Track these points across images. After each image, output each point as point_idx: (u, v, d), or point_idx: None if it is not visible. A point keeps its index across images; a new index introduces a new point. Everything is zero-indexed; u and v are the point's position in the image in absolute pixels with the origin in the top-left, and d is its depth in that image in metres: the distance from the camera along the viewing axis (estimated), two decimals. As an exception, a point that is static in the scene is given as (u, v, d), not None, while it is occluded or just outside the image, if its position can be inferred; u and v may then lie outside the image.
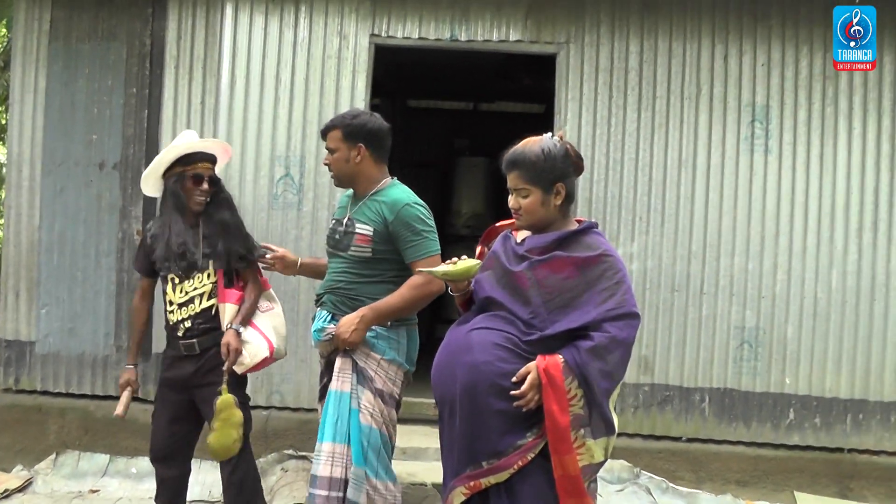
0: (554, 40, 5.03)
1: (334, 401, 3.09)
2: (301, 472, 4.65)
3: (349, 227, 3.18)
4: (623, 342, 2.47)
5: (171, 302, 3.53)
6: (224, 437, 3.36)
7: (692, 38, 4.99)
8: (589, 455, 2.45)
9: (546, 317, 2.48)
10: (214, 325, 3.52)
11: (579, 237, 2.57)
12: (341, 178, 3.26)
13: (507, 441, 2.47)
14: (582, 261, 2.50)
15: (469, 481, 2.52)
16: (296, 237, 5.03)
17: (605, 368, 2.43)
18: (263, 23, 5.07)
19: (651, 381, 4.99)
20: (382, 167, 3.26)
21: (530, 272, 2.52)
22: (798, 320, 4.98)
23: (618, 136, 5.01)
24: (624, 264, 2.61)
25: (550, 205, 2.58)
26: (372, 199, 3.19)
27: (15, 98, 5.23)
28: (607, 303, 2.46)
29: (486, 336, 2.53)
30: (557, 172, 2.56)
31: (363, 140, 3.17)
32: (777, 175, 4.98)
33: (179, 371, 3.55)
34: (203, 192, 3.48)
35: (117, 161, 5.14)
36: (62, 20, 5.18)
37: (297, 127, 5.05)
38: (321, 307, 3.27)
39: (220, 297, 3.53)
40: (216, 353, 3.49)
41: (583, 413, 2.44)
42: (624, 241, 4.98)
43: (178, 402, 3.59)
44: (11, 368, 5.19)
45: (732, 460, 4.94)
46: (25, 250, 5.20)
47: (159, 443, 3.61)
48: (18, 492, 4.56)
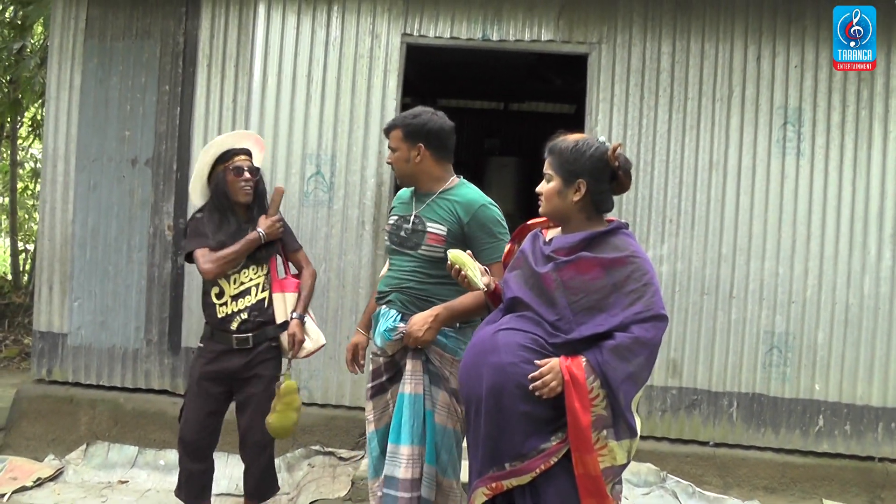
0: (586, 40, 5.01)
1: (409, 403, 3.06)
2: (327, 467, 4.68)
3: (418, 225, 3.16)
4: (647, 343, 2.43)
5: (221, 293, 3.55)
6: (284, 419, 3.52)
7: (725, 39, 4.95)
8: (611, 457, 2.44)
9: (571, 319, 2.46)
10: (266, 318, 3.58)
11: (607, 238, 2.55)
12: (402, 177, 3.25)
13: (530, 444, 2.46)
14: (608, 262, 2.48)
15: (492, 482, 2.52)
16: (326, 235, 5.06)
17: (627, 369, 2.40)
18: (296, 22, 5.10)
19: (679, 384, 4.95)
20: (446, 166, 3.23)
21: (556, 273, 2.50)
22: (829, 326, 4.91)
23: (649, 138, 4.98)
24: (653, 266, 2.57)
25: (568, 198, 2.56)
26: (442, 197, 3.17)
27: (51, 95, 5.31)
28: (635, 305, 2.43)
29: (513, 337, 2.52)
30: (581, 168, 2.54)
31: (423, 140, 3.14)
32: (809, 178, 4.92)
33: (226, 364, 3.59)
34: (247, 181, 3.54)
35: (149, 157, 5.20)
36: (98, 18, 5.25)
37: (328, 125, 5.08)
38: (388, 306, 3.21)
39: (277, 286, 3.61)
40: (266, 347, 3.58)
41: (605, 414, 2.43)
42: (654, 243, 4.95)
43: (218, 396, 3.65)
44: (45, 360, 5.27)
45: (760, 466, 4.88)
46: (59, 244, 5.28)
47: (194, 436, 3.66)
48: (50, 480, 4.64)
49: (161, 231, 5.18)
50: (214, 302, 3.57)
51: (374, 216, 5.06)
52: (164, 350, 5.17)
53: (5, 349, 8.44)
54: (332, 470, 4.69)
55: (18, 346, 8.53)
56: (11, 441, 5.11)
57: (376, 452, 3.23)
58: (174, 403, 5.11)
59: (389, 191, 5.05)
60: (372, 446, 3.26)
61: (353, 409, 5.06)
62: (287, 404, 3.54)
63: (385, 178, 5.05)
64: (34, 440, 5.10)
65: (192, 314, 5.10)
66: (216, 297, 3.57)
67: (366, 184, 5.06)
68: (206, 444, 3.70)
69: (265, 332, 3.59)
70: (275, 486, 3.82)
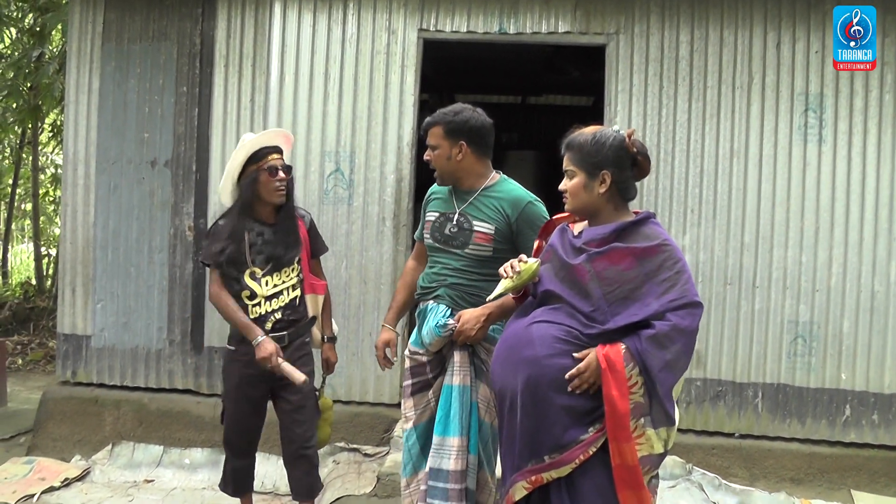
0: (603, 31, 4.97)
1: (458, 395, 3.06)
2: (352, 464, 4.69)
3: (463, 223, 3.12)
4: (685, 331, 2.42)
5: (253, 295, 3.53)
6: (322, 434, 3.79)
7: (744, 26, 4.90)
8: (648, 445, 2.42)
9: (607, 310, 2.45)
10: (298, 315, 3.61)
11: (637, 228, 2.54)
12: (443, 175, 3.20)
13: (570, 435, 2.45)
14: (641, 251, 2.47)
15: (531, 475, 2.51)
16: (346, 232, 5.07)
17: (665, 357, 2.39)
18: (312, 20, 5.11)
19: (704, 375, 4.91)
20: (486, 162, 3.22)
21: (589, 264, 2.49)
22: (854, 314, 4.85)
23: (668, 127, 4.94)
24: (683, 254, 2.56)
25: (594, 191, 2.55)
26: (486, 195, 3.15)
27: (70, 99, 5.36)
28: (669, 293, 2.42)
29: (547, 330, 2.50)
30: (603, 159, 2.53)
31: (465, 136, 3.12)
32: (832, 165, 4.86)
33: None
34: (281, 181, 3.50)
35: (169, 158, 5.22)
36: (115, 22, 5.28)
37: (346, 122, 5.08)
38: (436, 300, 3.18)
39: (309, 287, 3.67)
40: (300, 344, 3.61)
41: (643, 402, 2.41)
42: (676, 233, 4.91)
43: (258, 398, 3.66)
44: (69, 362, 5.31)
45: (787, 457, 4.83)
46: (81, 247, 5.32)
47: (239, 437, 3.70)
48: (77, 480, 4.69)
49: (182, 231, 5.20)
50: (246, 303, 3.54)
51: (394, 212, 5.05)
52: (186, 350, 5.19)
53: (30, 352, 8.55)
54: (356, 466, 4.69)
55: (43, 349, 8.64)
56: (39, 442, 5.16)
57: (415, 449, 3.21)
58: (198, 403, 5.14)
59: (409, 186, 5.05)
60: (410, 443, 3.23)
61: (376, 406, 5.07)
62: (324, 420, 3.77)
63: (405, 174, 5.05)
64: (61, 441, 5.14)
65: (213, 313, 5.11)
66: (248, 298, 3.53)
67: (385, 180, 5.06)
68: (251, 442, 3.75)
69: (298, 330, 3.60)
70: (320, 482, 3.81)
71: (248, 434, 3.70)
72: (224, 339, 5.04)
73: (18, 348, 8.67)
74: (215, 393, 5.14)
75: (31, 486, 4.52)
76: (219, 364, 5.11)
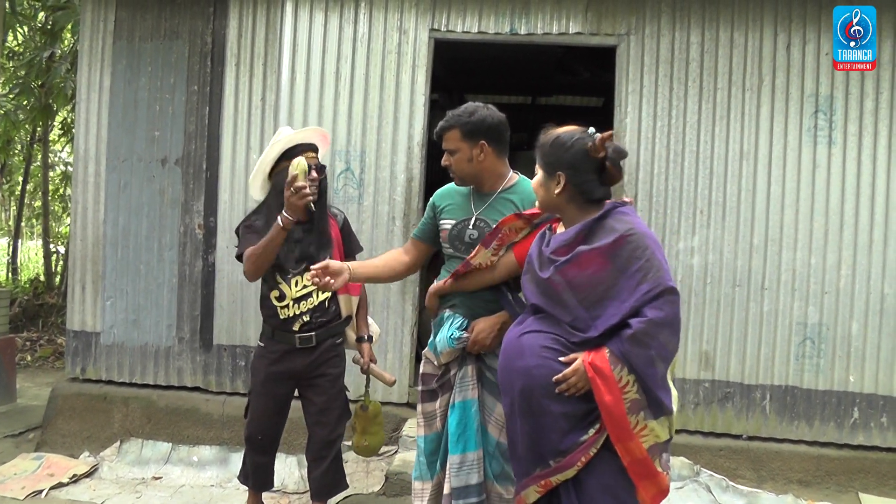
0: (614, 32, 4.98)
1: (474, 409, 3.01)
2: (361, 462, 4.69)
3: (484, 228, 3.02)
4: (663, 323, 2.38)
5: (282, 297, 3.53)
6: (379, 440, 3.80)
7: (754, 28, 4.90)
8: (653, 435, 2.43)
9: (586, 315, 2.45)
10: (328, 317, 3.59)
11: (602, 222, 2.49)
12: (465, 178, 3.08)
13: (569, 440, 2.46)
14: (606, 248, 2.43)
15: (540, 480, 2.53)
16: (356, 231, 4.99)
17: (649, 354, 2.37)
18: (323, 19, 5.12)
19: (712, 377, 4.91)
20: (505, 161, 3.13)
21: (558, 276, 2.49)
22: (863, 317, 4.85)
23: (678, 129, 4.94)
24: (654, 238, 2.49)
25: (550, 191, 2.57)
26: (504, 197, 3.06)
27: (81, 97, 5.38)
28: (642, 284, 2.38)
29: (536, 339, 2.53)
30: (558, 161, 2.53)
31: (484, 136, 3.01)
32: (841, 167, 4.85)
33: (290, 364, 3.59)
34: (313, 181, 3.44)
35: (179, 157, 5.24)
36: (126, 20, 5.30)
37: (356, 122, 5.09)
38: (452, 310, 3.11)
39: (343, 288, 3.53)
40: (330, 345, 3.60)
41: (639, 397, 2.41)
42: (685, 234, 4.91)
43: (284, 396, 3.67)
44: (78, 358, 5.34)
45: (794, 459, 4.83)
46: (91, 244, 5.35)
47: (261, 434, 3.70)
48: (86, 477, 4.70)
49: (192, 229, 5.22)
50: (275, 304, 3.54)
51: (404, 212, 5.06)
52: (195, 347, 5.21)
53: (40, 349, 8.59)
54: (365, 465, 4.70)
55: (52, 345, 8.69)
56: (48, 438, 5.19)
57: (423, 457, 3.17)
58: (207, 400, 5.15)
59: (420, 186, 5.05)
60: (420, 448, 3.20)
61: (385, 405, 5.04)
62: (379, 424, 3.77)
63: (415, 174, 5.06)
64: (69, 437, 5.17)
65: (223, 311, 5.14)
66: (277, 299, 3.54)
67: (395, 179, 5.07)
68: (273, 439, 3.76)
69: (328, 331, 3.59)
70: (343, 482, 3.80)
71: (268, 431, 3.71)
72: (233, 338, 5.14)
73: (28, 345, 8.72)
74: (224, 391, 5.17)
75: (40, 482, 4.54)
76: (227, 362, 5.15)
